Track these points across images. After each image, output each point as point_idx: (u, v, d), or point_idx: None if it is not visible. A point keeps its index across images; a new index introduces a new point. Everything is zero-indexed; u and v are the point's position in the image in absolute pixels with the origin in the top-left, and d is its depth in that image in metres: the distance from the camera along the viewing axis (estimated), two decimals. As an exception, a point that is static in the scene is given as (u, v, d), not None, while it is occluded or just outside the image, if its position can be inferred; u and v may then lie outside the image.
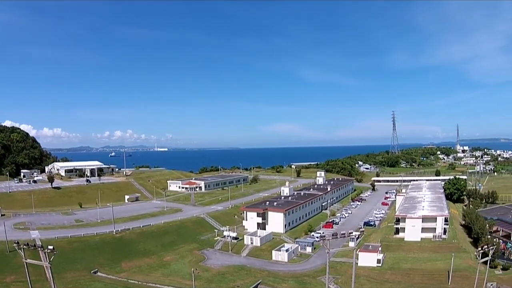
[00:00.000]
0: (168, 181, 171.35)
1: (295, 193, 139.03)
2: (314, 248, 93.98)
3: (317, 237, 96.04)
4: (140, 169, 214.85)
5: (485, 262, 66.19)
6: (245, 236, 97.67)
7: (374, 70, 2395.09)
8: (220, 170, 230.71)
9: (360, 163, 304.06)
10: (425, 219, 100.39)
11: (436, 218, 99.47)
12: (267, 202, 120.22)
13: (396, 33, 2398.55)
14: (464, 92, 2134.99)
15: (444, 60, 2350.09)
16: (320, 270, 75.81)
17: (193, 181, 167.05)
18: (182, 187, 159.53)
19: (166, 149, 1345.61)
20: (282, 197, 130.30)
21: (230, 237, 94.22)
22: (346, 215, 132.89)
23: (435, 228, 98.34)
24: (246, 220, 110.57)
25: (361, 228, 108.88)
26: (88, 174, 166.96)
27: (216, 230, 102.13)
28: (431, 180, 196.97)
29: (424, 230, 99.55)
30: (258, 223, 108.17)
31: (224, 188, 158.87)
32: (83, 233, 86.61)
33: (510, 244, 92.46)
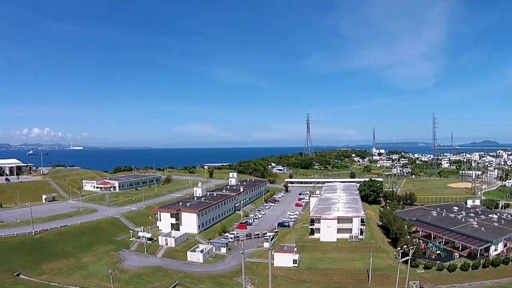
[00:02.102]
0: (83, 181, 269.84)
1: (208, 193, 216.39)
2: (229, 249, 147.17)
3: (231, 238, 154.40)
4: (57, 168, 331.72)
5: (406, 262, 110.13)
6: (159, 237, 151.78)
7: (291, 73, 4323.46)
8: (134, 170, 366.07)
9: (273, 164, 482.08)
10: (340, 220, 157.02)
11: (352, 219, 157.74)
12: (180, 203, 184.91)
13: (316, 37, 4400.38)
14: (382, 97, 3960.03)
15: (363, 65, 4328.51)
16: (236, 271, 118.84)
17: (107, 181, 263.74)
18: (97, 187, 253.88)
19: (82, 148, 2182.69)
20: (195, 198, 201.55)
21: (145, 238, 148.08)
22: (260, 216, 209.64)
23: (352, 229, 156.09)
24: (160, 220, 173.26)
25: (275, 228, 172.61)
26: (8, 173, 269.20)
27: (131, 231, 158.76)
28: (346, 182, 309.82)
29: (340, 230, 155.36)
30: (172, 224, 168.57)
31: (138, 188, 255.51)
32: (4, 234, 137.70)
33: (431, 244, 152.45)
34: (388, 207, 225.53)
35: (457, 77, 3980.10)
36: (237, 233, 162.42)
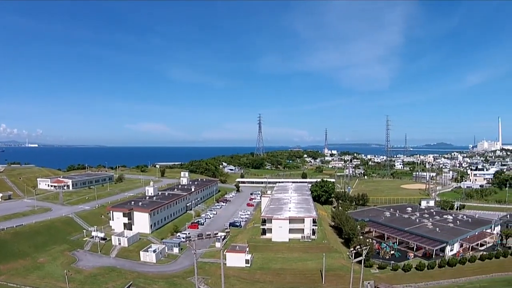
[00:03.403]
0: (38, 179, 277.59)
1: (160, 193, 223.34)
2: (181, 249, 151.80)
3: (183, 238, 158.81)
4: (12, 165, 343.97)
5: (360, 262, 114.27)
6: (112, 237, 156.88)
7: (244, 73, 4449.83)
8: (87, 168, 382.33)
9: (225, 164, 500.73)
10: (292, 220, 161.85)
11: (304, 219, 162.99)
12: (133, 202, 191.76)
13: (271, 37, 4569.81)
14: (336, 98, 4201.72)
15: (318, 67, 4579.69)
16: (189, 271, 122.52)
17: (61, 179, 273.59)
18: (51, 185, 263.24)
19: (36, 145, 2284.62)
20: (147, 197, 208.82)
21: (99, 237, 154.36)
22: (211, 215, 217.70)
23: (304, 229, 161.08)
24: (113, 220, 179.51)
25: (226, 228, 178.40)
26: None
27: (84, 231, 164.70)
28: (297, 182, 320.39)
29: (292, 231, 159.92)
30: (124, 223, 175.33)
31: (91, 187, 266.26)
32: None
33: (384, 244, 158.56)
34: (340, 207, 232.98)
35: (413, 80, 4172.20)
36: (189, 233, 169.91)
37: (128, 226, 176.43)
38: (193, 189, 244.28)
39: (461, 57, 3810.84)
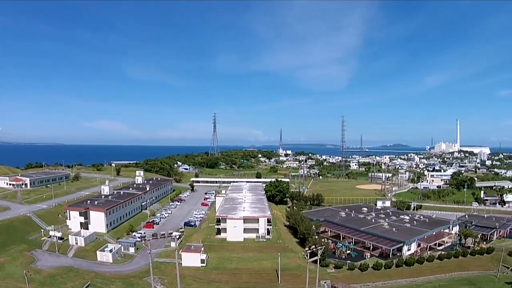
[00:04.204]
0: None
1: (115, 192, 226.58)
2: (137, 249, 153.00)
3: (139, 237, 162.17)
4: None
5: (315, 261, 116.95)
6: (69, 236, 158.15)
7: (201, 72, 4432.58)
8: (44, 166, 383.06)
9: (179, 163, 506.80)
10: (246, 220, 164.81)
11: (258, 219, 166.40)
12: (89, 201, 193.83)
13: (229, 36, 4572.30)
14: (292, 98, 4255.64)
15: (275, 67, 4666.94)
16: (145, 271, 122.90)
17: (19, 177, 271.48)
18: (10, 184, 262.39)
19: None
20: (103, 196, 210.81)
21: (56, 237, 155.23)
22: (166, 215, 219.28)
23: (258, 229, 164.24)
24: (70, 219, 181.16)
25: (181, 228, 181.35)
26: None
27: (42, 230, 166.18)
28: (252, 182, 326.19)
29: (246, 230, 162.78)
30: (81, 223, 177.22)
31: (48, 185, 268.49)
32: None
33: (340, 244, 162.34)
34: (295, 207, 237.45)
35: (370, 81, 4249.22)
36: (144, 233, 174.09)
37: (85, 226, 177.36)
38: (148, 188, 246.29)
39: (420, 59, 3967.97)
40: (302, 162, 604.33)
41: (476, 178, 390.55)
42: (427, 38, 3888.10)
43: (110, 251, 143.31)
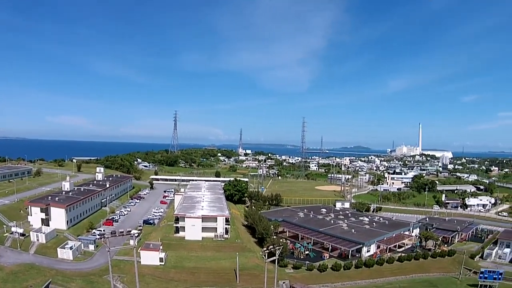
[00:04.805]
0: None
1: (76, 188, 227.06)
2: (97, 246, 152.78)
3: (98, 235, 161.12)
4: None
5: (274, 261, 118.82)
6: (31, 233, 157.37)
7: (164, 69, 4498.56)
8: (7, 161, 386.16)
9: (139, 160, 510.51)
10: (205, 218, 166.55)
11: (216, 218, 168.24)
12: (50, 197, 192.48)
13: (194, 34, 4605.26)
14: (253, 98, 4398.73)
15: (238, 66, 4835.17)
16: (105, 269, 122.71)
17: None
18: None
19: None
20: (63, 192, 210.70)
21: (18, 233, 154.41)
22: (126, 212, 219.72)
23: (216, 228, 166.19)
24: (31, 215, 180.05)
25: (140, 226, 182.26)
26: None
27: (5, 226, 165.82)
28: (210, 181, 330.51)
29: (205, 229, 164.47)
30: (42, 219, 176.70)
31: (11, 180, 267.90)
32: None
33: (299, 245, 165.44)
34: (253, 207, 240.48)
35: (333, 84, 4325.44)
36: (103, 230, 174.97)
37: (46, 222, 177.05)
38: (108, 185, 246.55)
39: (384, 63, 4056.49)
40: (262, 162, 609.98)
41: (437, 182, 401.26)
42: (392, 43, 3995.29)
43: (70, 248, 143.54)
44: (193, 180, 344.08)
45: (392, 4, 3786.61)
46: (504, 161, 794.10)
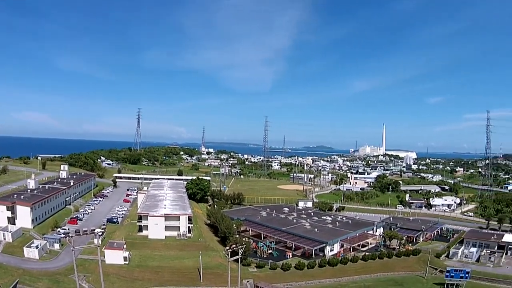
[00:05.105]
0: None
1: (41, 186, 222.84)
2: (62, 245, 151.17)
3: (63, 233, 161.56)
4: None
5: (237, 260, 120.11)
6: None
7: (127, 66, 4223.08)
8: None
9: (103, 158, 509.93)
10: (168, 217, 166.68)
11: (179, 216, 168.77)
12: (15, 195, 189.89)
13: (157, 31, 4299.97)
14: (216, 96, 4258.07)
15: (201, 65, 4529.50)
16: (71, 268, 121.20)
17: None
18: None
19: None
20: (28, 190, 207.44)
21: None
22: (89, 211, 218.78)
23: (179, 227, 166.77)
24: None
25: (104, 225, 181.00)
26: None
27: None
28: (173, 179, 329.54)
29: (168, 228, 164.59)
30: (8, 217, 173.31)
31: None
32: None
33: (262, 244, 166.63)
34: (216, 206, 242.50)
35: (296, 83, 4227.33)
36: (68, 229, 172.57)
37: (12, 221, 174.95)
38: (72, 183, 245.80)
39: (348, 64, 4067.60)
40: (224, 161, 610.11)
41: (401, 182, 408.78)
42: (358, 44, 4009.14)
43: (36, 247, 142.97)
44: (156, 178, 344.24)
45: (358, 5, 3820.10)
46: (470, 161, 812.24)
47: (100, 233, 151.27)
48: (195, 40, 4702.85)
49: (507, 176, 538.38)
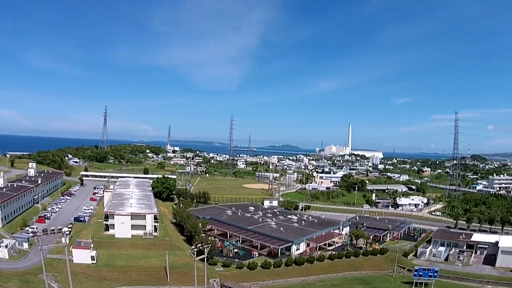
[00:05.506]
0: None
1: (9, 184, 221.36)
2: (30, 244, 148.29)
3: (31, 232, 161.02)
4: None
5: (203, 260, 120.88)
6: None
7: (95, 63, 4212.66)
8: None
9: (70, 156, 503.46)
10: (134, 216, 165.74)
11: (145, 215, 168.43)
12: None
13: (124, 28, 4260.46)
14: (182, 95, 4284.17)
15: (169, 63, 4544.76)
16: (40, 268, 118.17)
17: None
18: None
19: None
20: None
21: None
22: (57, 209, 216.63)
23: (146, 226, 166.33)
24: None
25: (71, 223, 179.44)
26: None
27: None
28: (139, 177, 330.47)
29: (134, 227, 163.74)
30: None
31: None
32: None
33: (227, 243, 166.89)
34: (181, 204, 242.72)
35: (263, 82, 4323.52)
36: (36, 228, 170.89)
37: None
38: (40, 181, 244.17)
39: (316, 63, 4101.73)
40: (190, 159, 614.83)
41: (367, 181, 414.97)
42: (325, 44, 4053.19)
43: (6, 246, 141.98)
44: (122, 177, 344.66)
45: (326, 5, 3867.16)
46: (437, 162, 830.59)
47: (68, 232, 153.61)
48: (163, 37, 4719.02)
49: (475, 176, 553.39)
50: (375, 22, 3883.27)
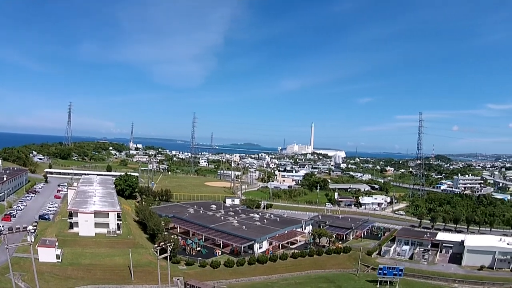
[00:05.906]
0: None
1: None
2: None
3: None
4: None
5: (166, 258, 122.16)
6: None
7: (59, 58, 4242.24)
8: None
9: (35, 153, 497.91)
10: (97, 214, 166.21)
11: (108, 213, 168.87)
12: None
13: (89, 24, 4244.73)
14: (145, 91, 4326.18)
15: (132, 59, 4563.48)
16: (7, 267, 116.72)
17: None
18: None
19: None
20: None
21: None
22: (22, 207, 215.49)
23: (109, 224, 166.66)
24: None
25: (36, 221, 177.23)
26: None
27: None
28: (102, 175, 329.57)
29: (97, 225, 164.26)
30: None
31: None
32: None
33: (190, 241, 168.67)
34: (144, 202, 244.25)
35: (226, 81, 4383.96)
36: (2, 226, 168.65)
37: None
38: (5, 179, 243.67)
39: (279, 63, 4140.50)
40: (152, 157, 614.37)
41: (330, 180, 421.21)
42: (289, 43, 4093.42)
43: None
44: (85, 174, 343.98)
45: (290, 5, 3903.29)
46: (401, 161, 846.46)
47: (33, 230, 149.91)
48: (127, 34, 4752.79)
49: (440, 176, 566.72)
50: (339, 22, 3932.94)
